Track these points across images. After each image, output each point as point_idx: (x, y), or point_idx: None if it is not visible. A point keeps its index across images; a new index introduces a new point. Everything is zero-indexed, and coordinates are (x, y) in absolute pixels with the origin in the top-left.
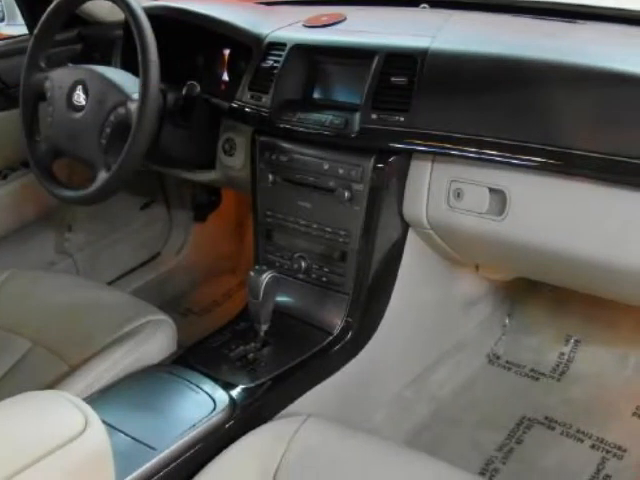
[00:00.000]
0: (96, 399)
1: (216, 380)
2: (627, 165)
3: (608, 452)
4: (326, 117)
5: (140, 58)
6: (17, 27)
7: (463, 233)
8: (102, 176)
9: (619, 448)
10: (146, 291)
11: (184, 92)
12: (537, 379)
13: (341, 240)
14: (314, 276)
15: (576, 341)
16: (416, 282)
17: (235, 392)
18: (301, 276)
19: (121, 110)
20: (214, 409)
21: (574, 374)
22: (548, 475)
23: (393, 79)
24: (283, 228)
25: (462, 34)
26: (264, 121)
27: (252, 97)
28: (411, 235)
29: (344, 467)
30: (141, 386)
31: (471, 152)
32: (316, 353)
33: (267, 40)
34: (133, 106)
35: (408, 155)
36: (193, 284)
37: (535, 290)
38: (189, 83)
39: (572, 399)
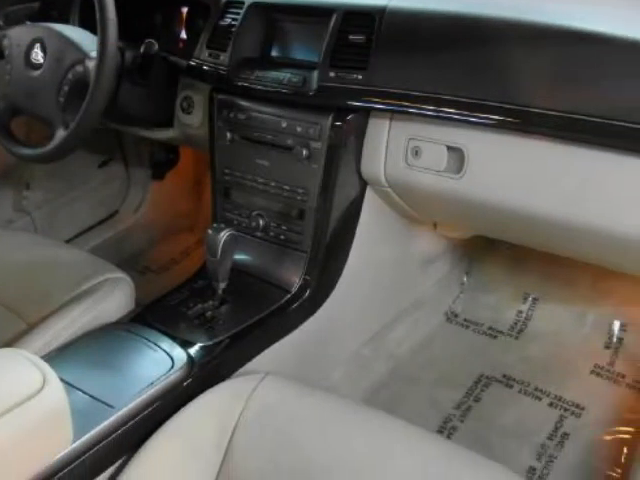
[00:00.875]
0: (54, 357)
1: (174, 338)
2: (585, 123)
3: (566, 410)
4: (284, 75)
5: (98, 16)
6: None
7: (421, 191)
8: (60, 134)
9: (577, 406)
10: (104, 249)
11: (142, 50)
12: (495, 337)
13: (299, 198)
14: (272, 234)
15: (534, 299)
16: (374, 240)
17: (193, 350)
18: (259, 234)
19: (79, 68)
20: (172, 367)
21: (532, 332)
22: (506, 433)
23: (351, 37)
24: (241, 186)
25: None
26: (222, 79)
27: (210, 55)
28: (369, 193)
29: (302, 425)
30: (99, 344)
31: (429, 110)
32: (274, 311)
33: None
34: (91, 64)
35: (366, 113)
36: (151, 242)
37: (493, 248)
38: (147, 41)
39: (530, 357)
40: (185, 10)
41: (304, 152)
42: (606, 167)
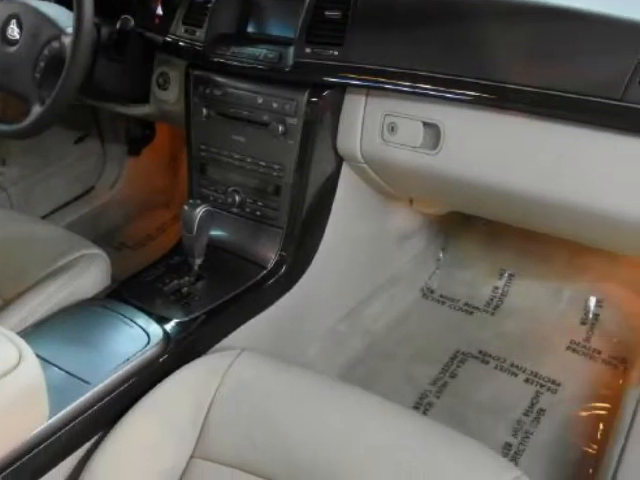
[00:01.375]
0: (30, 333)
1: (150, 314)
2: (561, 99)
3: (542, 386)
4: (260, 51)
5: None
6: None
7: (397, 167)
8: (36, 110)
9: (553, 382)
10: (80, 225)
11: (118, 26)
12: (471, 313)
13: (275, 174)
14: (248, 210)
15: (510, 275)
16: (350, 216)
17: (169, 326)
18: (235, 210)
19: (55, 44)
20: (148, 343)
21: (508, 308)
22: (482, 409)
23: (327, 13)
24: (217, 162)
25: None
26: (198, 55)
27: (186, 31)
28: (345, 169)
29: (278, 401)
30: (75, 320)
31: (405, 86)
32: (250, 287)
33: None
34: (67, 40)
35: (342, 89)
36: (127, 218)
37: (469, 224)
38: (123, 17)
39: (506, 333)
40: None
41: (280, 128)
42: (582, 143)
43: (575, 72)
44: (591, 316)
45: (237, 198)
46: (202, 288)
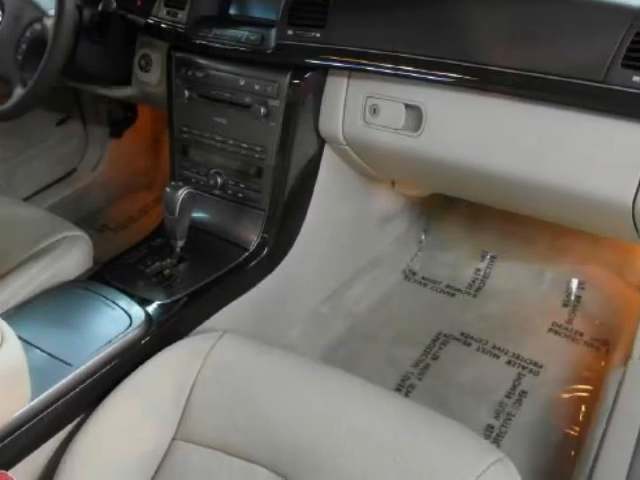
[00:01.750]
0: (12, 315)
1: (132, 296)
2: (543, 81)
3: (524, 368)
4: (242, 33)
5: None
6: None
7: (379, 149)
8: (18, 92)
9: (535, 364)
10: (62, 207)
11: (100, 8)
12: (453, 295)
13: (257, 156)
14: (230, 192)
15: (492, 257)
16: (332, 198)
17: (151, 308)
18: (217, 192)
19: (37, 26)
20: (130, 325)
21: (490, 290)
22: (464, 391)
23: None
24: (199, 144)
25: None
26: (180, 37)
27: (168, 13)
28: (327, 151)
29: (260, 383)
30: (57, 302)
31: (387, 68)
32: (232, 269)
33: None
34: (49, 22)
35: (324, 71)
36: (109, 200)
37: (451, 206)
38: None
39: (488, 315)
40: None
41: (262, 110)
42: (564, 125)
43: (557, 54)
44: (573, 298)
45: (219, 180)
46: (184, 270)
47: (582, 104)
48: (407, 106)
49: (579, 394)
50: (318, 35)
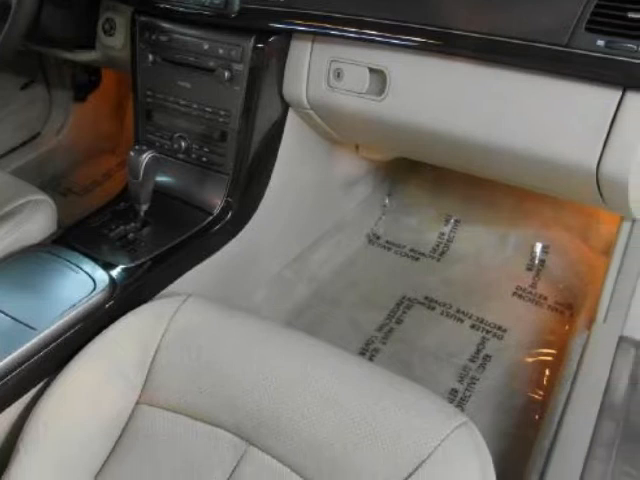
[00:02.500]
0: None
1: (96, 260)
2: (505, 45)
3: (488, 332)
4: None
5: None
6: None
7: (343, 113)
8: None
9: (499, 328)
10: (26, 171)
11: None
12: (417, 259)
13: (221, 120)
14: (194, 156)
15: (456, 221)
16: (296, 162)
17: (115, 272)
18: (181, 156)
19: None
20: (94, 289)
21: (454, 254)
22: (428, 355)
23: None
24: (163, 108)
25: None
26: (144, 1)
27: None
28: (291, 115)
29: (223, 346)
30: (21, 266)
31: (351, 32)
32: (196, 233)
33: None
34: None
35: (288, 35)
36: (73, 164)
37: (415, 170)
38: None
39: (452, 279)
40: None
41: (226, 74)
42: (527, 89)
43: (520, 18)
44: (537, 262)
45: (183, 144)
46: (148, 234)
47: (546, 68)
48: (371, 70)
49: (543, 358)
50: None
